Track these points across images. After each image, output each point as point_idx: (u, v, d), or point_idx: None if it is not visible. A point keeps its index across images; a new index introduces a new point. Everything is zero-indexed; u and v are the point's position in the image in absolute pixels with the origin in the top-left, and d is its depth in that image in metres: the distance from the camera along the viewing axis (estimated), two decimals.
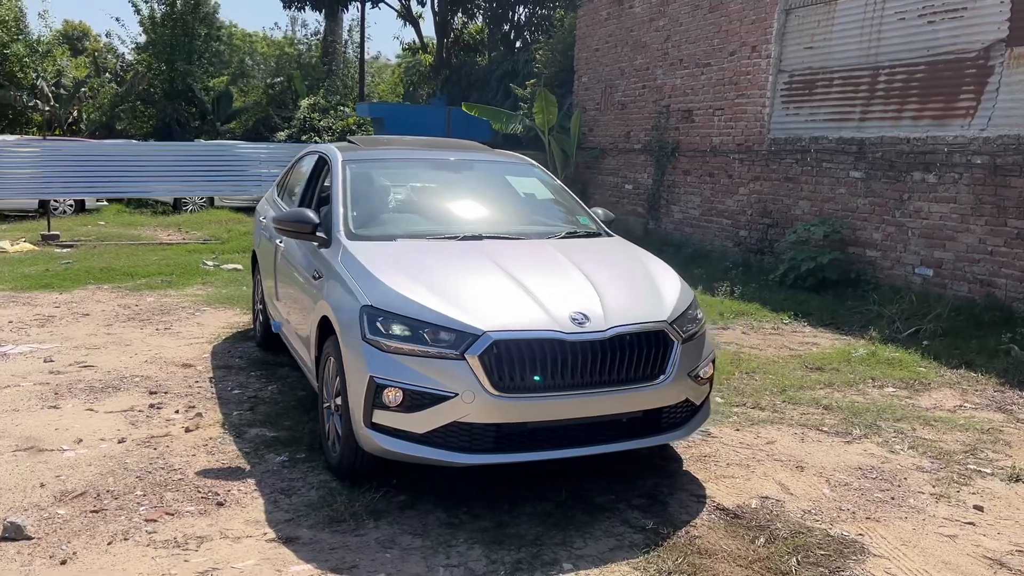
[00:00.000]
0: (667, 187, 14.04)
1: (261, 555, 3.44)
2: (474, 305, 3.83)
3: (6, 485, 4.06)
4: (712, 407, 5.39)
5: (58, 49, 30.02)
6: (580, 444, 3.88)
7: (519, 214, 5.33)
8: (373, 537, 3.63)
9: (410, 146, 5.98)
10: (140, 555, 3.41)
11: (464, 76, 23.33)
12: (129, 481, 4.14)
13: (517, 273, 4.12)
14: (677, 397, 4.06)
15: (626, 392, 3.88)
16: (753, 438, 5.04)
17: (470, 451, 3.73)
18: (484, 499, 4.02)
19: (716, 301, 9.28)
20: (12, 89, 27.02)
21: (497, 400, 3.65)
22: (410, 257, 4.39)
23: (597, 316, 3.88)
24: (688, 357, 4.10)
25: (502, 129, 17.33)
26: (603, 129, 16.08)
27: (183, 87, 28.48)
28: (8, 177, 13.89)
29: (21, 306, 8.40)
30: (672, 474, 4.44)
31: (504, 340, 3.68)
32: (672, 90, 13.81)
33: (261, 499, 3.98)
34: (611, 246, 5.02)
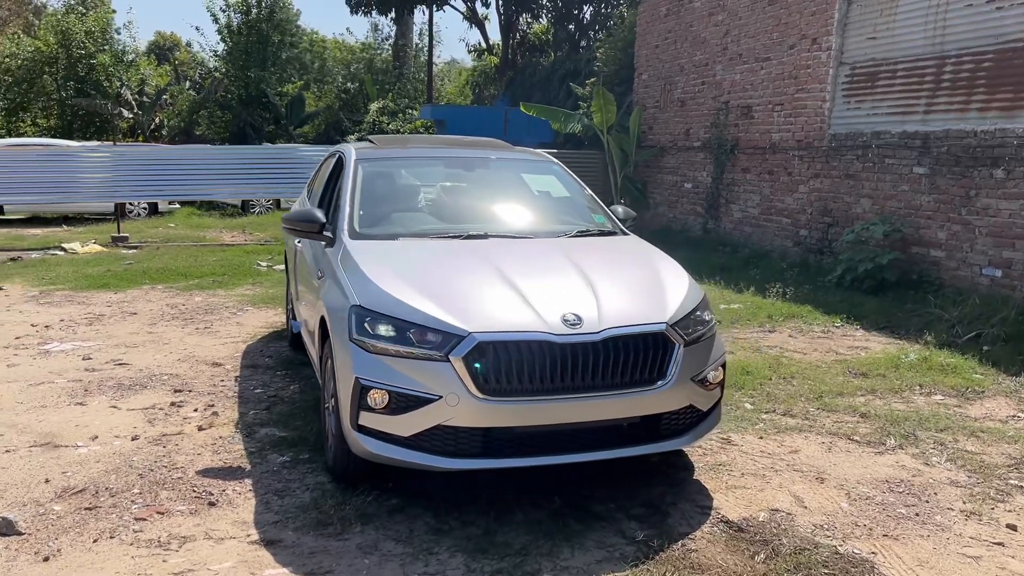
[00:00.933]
0: (726, 186, 13.66)
1: (239, 557, 3.41)
2: (462, 306, 3.73)
3: (13, 480, 4.15)
4: (740, 413, 5.20)
5: (142, 58, 31.18)
6: (573, 450, 3.73)
7: (529, 213, 5.20)
8: (356, 542, 3.56)
9: (429, 145, 5.91)
10: (121, 554, 3.42)
11: (527, 77, 23.26)
12: (130, 479, 4.18)
13: (513, 274, 4.00)
14: (679, 403, 3.87)
15: (622, 397, 3.71)
16: (776, 446, 4.79)
17: (456, 456, 3.62)
18: (477, 504, 3.90)
19: (767, 303, 8.95)
20: (99, 97, 28.18)
21: (482, 403, 3.53)
22: (407, 257, 4.32)
23: (591, 317, 3.72)
24: (692, 361, 3.91)
25: (561, 129, 17.15)
26: (663, 127, 15.77)
27: (257, 93, 29.19)
28: (82, 181, 14.45)
29: (76, 305, 8.68)
30: (680, 483, 4.25)
31: (490, 342, 3.56)
32: (731, 86, 13.44)
33: (254, 500, 3.95)
34: (622, 245, 4.84)
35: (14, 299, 9.00)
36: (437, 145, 5.83)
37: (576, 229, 4.92)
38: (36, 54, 29.16)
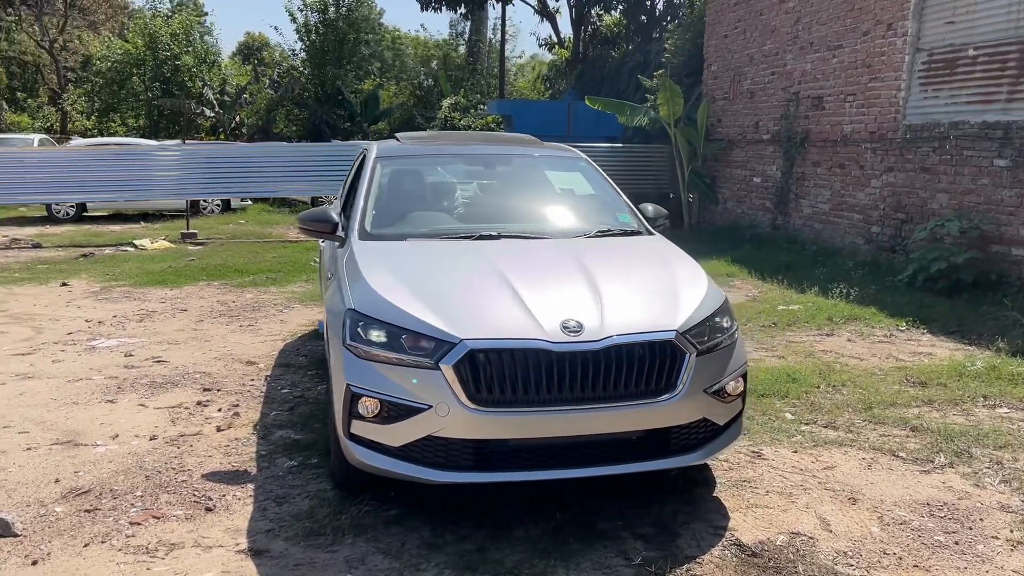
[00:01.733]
0: (796, 180, 13.11)
1: (222, 568, 3.33)
2: (456, 312, 3.56)
3: (25, 479, 4.18)
4: (778, 424, 4.90)
5: (224, 59, 32.06)
6: (574, 465, 3.52)
7: (548, 212, 5.01)
8: (344, 555, 3.44)
9: (453, 142, 5.76)
10: (108, 560, 3.38)
11: (597, 70, 22.91)
12: (136, 481, 4.16)
13: (517, 277, 3.81)
14: (690, 416, 3.62)
15: (627, 409, 3.48)
16: (811, 462, 4.47)
17: (447, 468, 3.46)
18: (476, 518, 3.74)
19: (828, 304, 8.49)
20: (182, 97, 29.10)
21: (474, 414, 3.36)
22: (411, 259, 4.18)
23: (593, 324, 3.50)
24: (707, 371, 3.65)
25: (627, 123, 16.81)
26: (731, 119, 15.26)
27: (332, 90, 29.65)
28: (155, 179, 14.88)
29: (132, 301, 8.87)
30: (697, 500, 3.99)
31: (482, 349, 3.39)
32: (802, 76, 12.88)
33: (251, 506, 3.88)
34: (642, 246, 4.59)
35: (76, 295, 9.27)
36: (462, 142, 5.68)
37: (596, 229, 4.69)
38: (125, 56, 30.30)
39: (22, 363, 6.38)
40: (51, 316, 8.13)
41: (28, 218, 18.02)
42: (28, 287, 9.77)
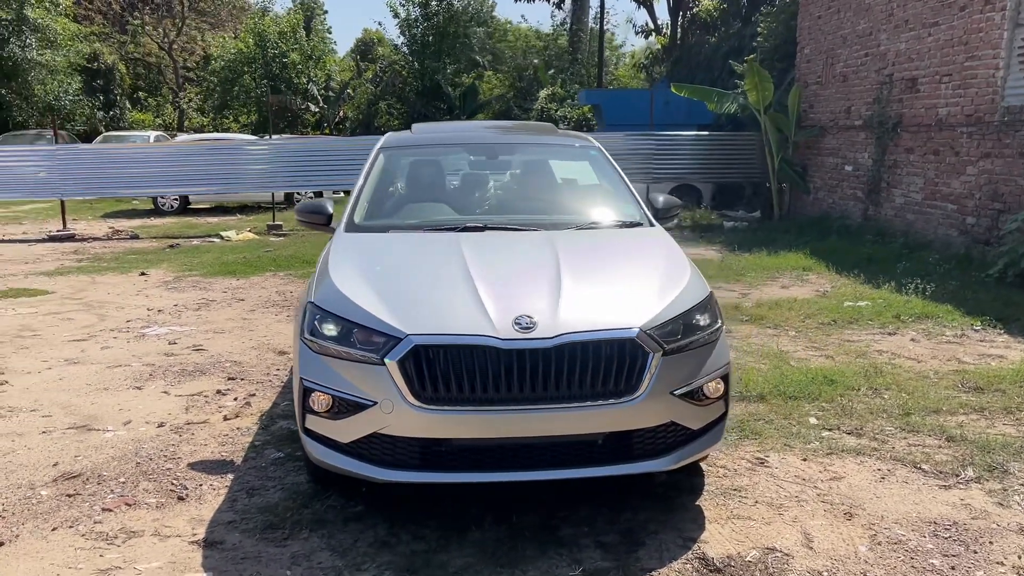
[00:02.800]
0: (888, 168, 12.32)
1: (170, 558, 3.35)
2: (408, 306, 3.46)
3: (28, 461, 4.35)
4: (797, 429, 4.60)
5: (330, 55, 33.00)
6: (527, 468, 3.36)
7: (543, 202, 4.83)
8: (293, 550, 3.40)
9: (463, 131, 5.65)
10: (67, 545, 3.46)
11: (692, 56, 22.24)
12: (126, 467, 4.26)
13: (482, 271, 3.67)
14: (656, 419, 3.40)
15: (583, 411, 3.29)
16: (818, 471, 4.14)
17: (394, 467, 3.37)
18: (441, 516, 3.64)
19: (901, 300, 7.93)
20: (290, 94, 30.12)
21: (418, 412, 3.25)
22: (383, 252, 4.12)
23: (546, 321, 3.32)
24: (676, 371, 3.42)
25: (716, 109, 16.23)
26: (823, 105, 14.49)
27: (432, 84, 30.03)
28: (245, 173, 15.44)
29: (197, 291, 9.20)
30: (676, 508, 3.74)
31: (428, 345, 3.27)
32: (896, 56, 12.07)
33: (223, 497, 3.90)
34: (633, 239, 4.34)
35: (150, 284, 9.68)
36: (472, 131, 5.57)
37: (591, 221, 4.48)
38: (238, 55, 31.61)
39: (75, 349, 6.69)
40: (119, 304, 8.51)
41: (137, 211, 19.03)
42: (110, 276, 10.29)
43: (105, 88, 31.03)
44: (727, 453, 4.36)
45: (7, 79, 27.24)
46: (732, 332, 7.01)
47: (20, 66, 27.26)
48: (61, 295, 9.06)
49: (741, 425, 4.74)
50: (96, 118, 30.35)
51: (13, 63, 27.01)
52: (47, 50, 27.90)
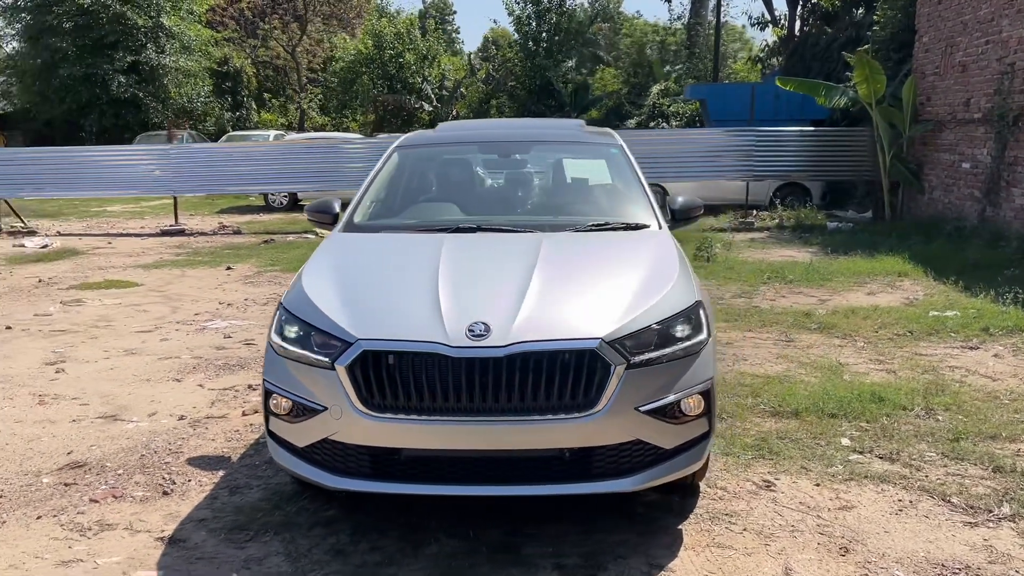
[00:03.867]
0: (1008, 165, 11.31)
1: (131, 553, 3.39)
2: (367, 310, 3.37)
3: (46, 449, 4.54)
4: (822, 451, 4.26)
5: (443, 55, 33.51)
6: (480, 482, 3.20)
7: (548, 203, 4.64)
8: (249, 553, 3.38)
9: (483, 130, 5.51)
10: (44, 533, 3.56)
11: (808, 48, 21.17)
12: (130, 459, 4.38)
13: (451, 275, 3.53)
14: (618, 436, 3.17)
15: (538, 424, 3.11)
16: (828, 499, 3.78)
17: (345, 474, 3.28)
18: (404, 526, 3.53)
19: (995, 311, 7.23)
20: (404, 94, 30.78)
21: (366, 419, 3.16)
22: (364, 254, 4.05)
23: (502, 329, 3.15)
24: (644, 385, 3.18)
25: (825, 103, 15.43)
26: (941, 97, 13.48)
27: (543, 81, 29.98)
28: (343, 170, 15.82)
29: (272, 286, 9.47)
30: (656, 531, 3.49)
31: (377, 351, 3.17)
32: (1018, 43, 11.07)
33: (205, 494, 3.94)
34: (629, 242, 4.07)
35: (232, 278, 10.05)
36: (491, 129, 5.43)
37: (591, 222, 4.24)
38: (357, 56, 32.56)
39: (137, 340, 6.99)
40: (195, 297, 8.86)
41: (251, 207, 19.87)
42: (200, 269, 10.75)
43: (233, 90, 32.70)
44: (734, 474, 4.06)
45: (145, 83, 29.10)
46: (793, 342, 6.60)
47: (157, 70, 29.07)
48: (148, 287, 9.52)
49: (760, 443, 4.40)
50: (224, 118, 31.99)
51: (150, 68, 28.83)
52: (182, 55, 29.61)
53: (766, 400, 5.09)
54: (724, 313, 7.56)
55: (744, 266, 10.09)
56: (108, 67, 27.99)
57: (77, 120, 28.57)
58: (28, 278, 10.13)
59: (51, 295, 9.05)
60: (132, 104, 28.76)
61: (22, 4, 29.62)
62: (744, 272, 9.67)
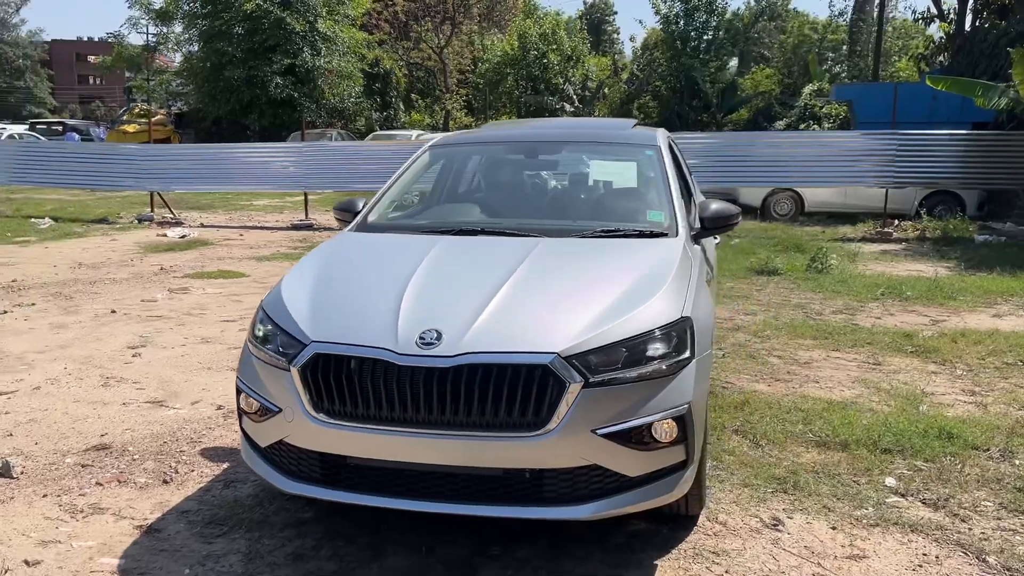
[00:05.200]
0: None
1: (105, 539, 3.46)
2: (331, 313, 3.28)
3: (85, 430, 4.76)
4: (856, 491, 3.84)
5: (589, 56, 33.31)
6: (428, 498, 3.03)
7: (563, 206, 4.41)
8: (212, 549, 3.38)
9: (523, 129, 5.33)
10: (41, 513, 3.71)
11: (976, 44, 19.40)
12: (151, 445, 4.51)
13: (424, 279, 3.38)
14: (571, 460, 2.92)
15: (485, 441, 2.92)
16: (839, 545, 3.36)
17: (298, 478, 3.21)
18: (374, 533, 3.44)
19: None
20: (546, 94, 30.85)
21: (315, 424, 3.07)
22: (356, 254, 3.98)
23: (454, 338, 2.98)
24: (602, 407, 2.92)
25: (984, 104, 14.14)
26: None
27: (688, 81, 29.21)
28: None
29: None
30: (629, 564, 3.21)
31: (328, 354, 3.08)
32: None
33: (201, 485, 3.99)
34: (630, 251, 3.72)
35: None
36: (528, 130, 5.25)
37: (600, 228, 3.96)
38: (503, 57, 32.95)
39: (217, 329, 7.28)
40: None
41: None
42: None
43: (383, 91, 33.88)
44: (743, 507, 3.69)
45: (300, 84, 30.66)
46: (880, 365, 6.01)
47: (311, 72, 30.57)
48: (253, 278, 9.94)
49: (790, 476, 3.99)
50: (372, 118, 33.21)
51: (306, 70, 30.35)
52: (334, 57, 31.01)
53: (817, 428, 4.63)
54: (814, 330, 7.00)
55: (859, 280, 9.34)
56: (267, 69, 29.72)
57: (241, 119, 30.49)
58: (152, 266, 10.82)
59: (165, 282, 9.61)
60: (288, 104, 30.41)
61: (199, 11, 31.93)
62: (857, 286, 8.94)
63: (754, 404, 5.05)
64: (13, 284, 9.40)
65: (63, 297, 8.62)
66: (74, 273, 10.19)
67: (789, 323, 7.29)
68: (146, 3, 34.99)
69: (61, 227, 15.12)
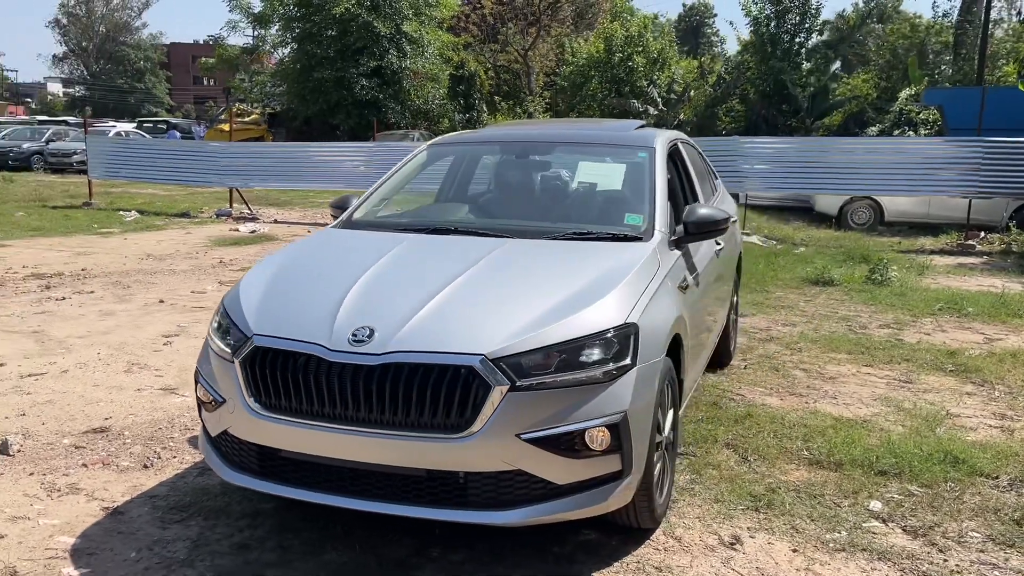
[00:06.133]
0: None
1: (69, 518, 3.58)
2: (276, 306, 3.32)
3: (94, 413, 4.94)
4: (837, 512, 3.67)
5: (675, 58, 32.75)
6: (356, 495, 3.03)
7: (540, 208, 4.37)
8: (164, 535, 3.45)
9: (521, 130, 5.32)
10: (22, 491, 3.85)
11: None
12: (145, 430, 4.65)
13: (380, 275, 3.40)
14: (493, 464, 2.86)
15: (406, 441, 2.90)
16: (794, 568, 3.18)
17: (239, 468, 3.27)
18: (321, 531, 3.46)
19: None
20: (630, 97, 30.52)
21: (252, 416, 3.12)
22: (321, 250, 4.05)
23: (385, 336, 2.97)
24: (529, 411, 2.85)
25: None
26: None
27: (776, 85, 28.39)
28: None
29: None
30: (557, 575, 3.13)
31: (266, 348, 3.11)
32: None
33: (178, 472, 4.09)
34: (593, 254, 3.61)
35: None
36: (526, 130, 5.25)
37: (571, 231, 3.86)
38: (588, 59, 32.79)
39: None
40: None
41: None
42: None
43: (466, 93, 34.17)
44: (705, 523, 3.54)
45: (386, 85, 31.28)
46: (911, 383, 5.70)
47: (397, 74, 31.15)
48: None
49: (767, 494, 3.81)
50: (456, 120, 33.53)
51: (391, 71, 30.94)
52: (419, 59, 31.52)
53: (815, 446, 4.41)
54: (851, 344, 6.69)
55: (919, 293, 8.86)
56: (354, 71, 30.43)
57: (328, 119, 31.32)
58: (214, 259, 11.20)
59: (219, 275, 9.93)
60: (373, 105, 31.04)
61: (294, 14, 32.97)
62: (914, 300, 8.49)
63: (757, 418, 4.84)
64: (82, 272, 9.89)
65: (121, 286, 9.01)
66: (140, 264, 10.65)
67: (827, 336, 6.98)
68: (246, 7, 36.33)
69: (145, 220, 15.83)
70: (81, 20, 77.74)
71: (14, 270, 9.88)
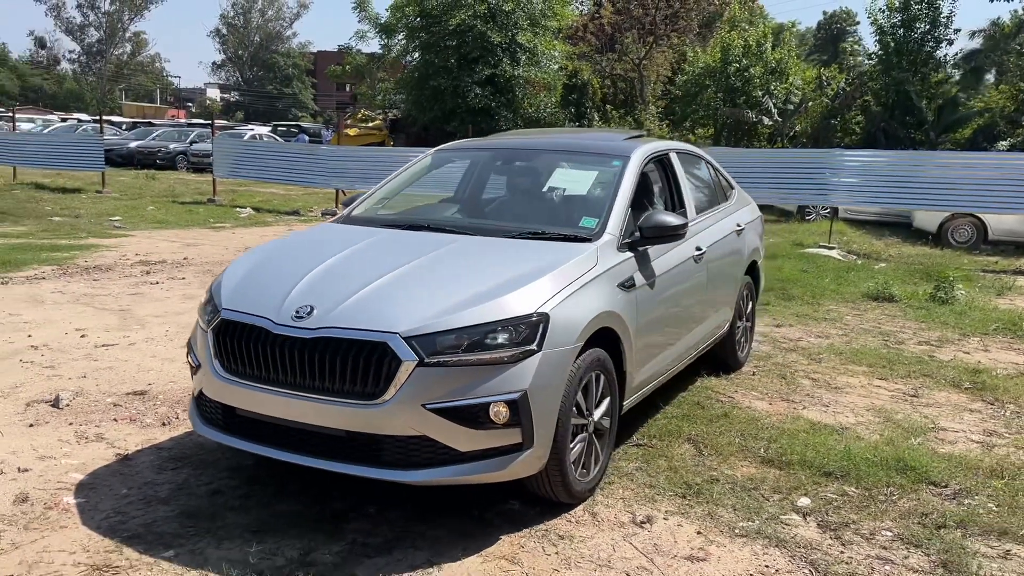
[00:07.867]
0: None
1: (87, 460, 4.21)
2: (247, 286, 3.83)
3: (140, 379, 5.62)
4: (765, 505, 3.88)
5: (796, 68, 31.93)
6: (296, 451, 3.50)
7: (506, 209, 4.79)
8: (155, 478, 4.02)
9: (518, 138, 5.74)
10: (57, 436, 4.52)
11: None
12: (175, 396, 5.25)
13: (341, 263, 3.90)
14: (402, 429, 3.27)
15: (332, 405, 3.35)
16: (689, 548, 3.42)
17: (211, 425, 3.80)
18: (277, 487, 3.95)
19: None
20: (745, 107, 30.04)
21: (217, 379, 3.64)
22: (307, 240, 4.56)
23: (322, 314, 3.43)
24: (435, 385, 3.26)
25: None
26: None
27: (900, 95, 27.34)
28: None
29: None
30: (473, 535, 3.49)
31: (229, 320, 3.63)
32: None
33: (188, 430, 4.67)
34: (532, 252, 3.94)
35: None
36: (521, 138, 5.70)
37: (528, 231, 4.20)
38: (704, 69, 32.50)
39: None
40: None
41: None
42: None
43: (578, 101, 34.48)
44: (627, 503, 3.83)
45: (498, 93, 32.02)
46: (917, 397, 5.73)
47: (510, 82, 31.85)
48: None
49: (703, 484, 4.04)
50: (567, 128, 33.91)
51: (504, 79, 31.66)
52: (532, 68, 32.12)
53: (775, 447, 4.57)
54: (877, 357, 6.67)
55: (980, 313, 8.60)
56: (468, 79, 31.35)
57: (444, 126, 32.39)
58: None
59: None
60: (486, 112, 31.86)
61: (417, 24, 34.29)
62: (972, 319, 8.27)
63: (733, 419, 5.02)
64: (184, 261, 10.92)
65: (211, 275, 9.91)
66: (236, 255, 11.61)
67: (855, 349, 6.97)
68: (374, 17, 37.99)
69: (257, 216, 17.06)
70: (239, 30, 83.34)
71: (127, 257, 11.00)
